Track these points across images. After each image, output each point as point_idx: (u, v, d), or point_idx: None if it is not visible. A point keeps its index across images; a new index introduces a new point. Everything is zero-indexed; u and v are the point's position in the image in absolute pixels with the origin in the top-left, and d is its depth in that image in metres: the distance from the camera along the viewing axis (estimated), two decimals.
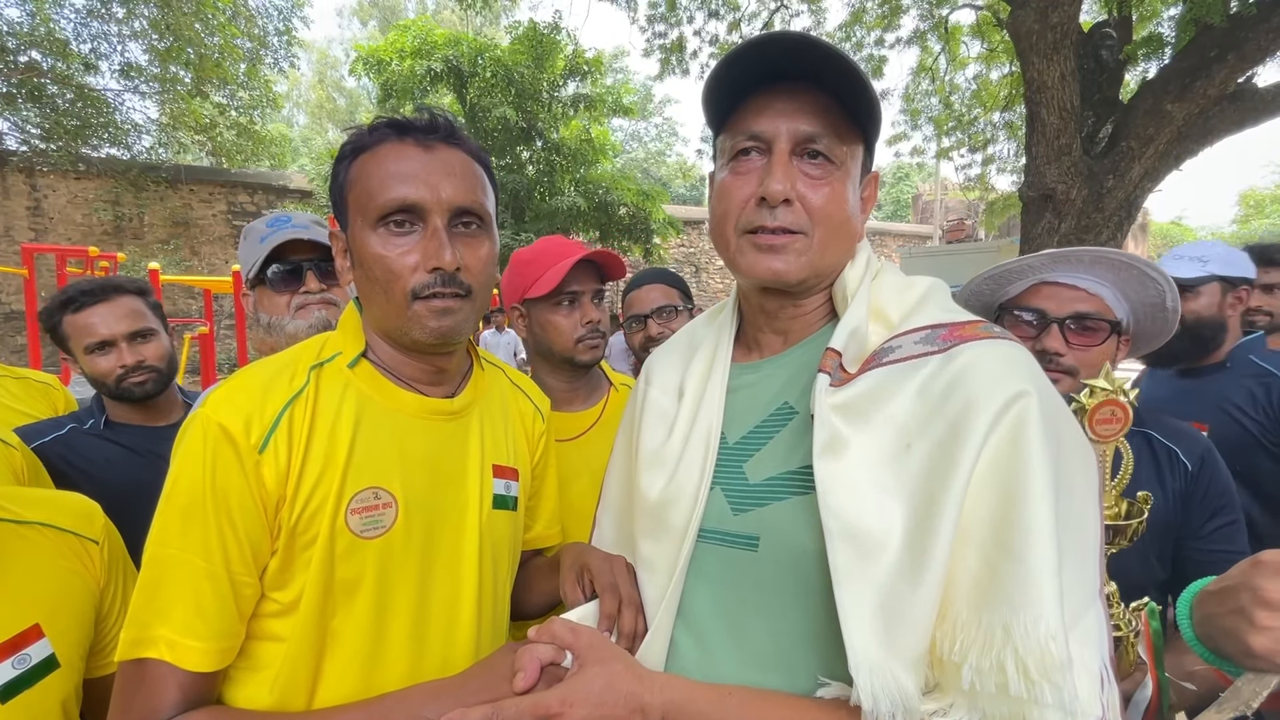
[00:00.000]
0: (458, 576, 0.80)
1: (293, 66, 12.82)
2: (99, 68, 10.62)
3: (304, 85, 28.39)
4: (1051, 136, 3.93)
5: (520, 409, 0.98)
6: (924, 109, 9.66)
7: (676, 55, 8.66)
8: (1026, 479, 0.51)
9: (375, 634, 0.75)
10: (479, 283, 0.78)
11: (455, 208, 0.75)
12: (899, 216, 33.54)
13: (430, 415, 0.82)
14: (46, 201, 10.53)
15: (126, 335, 1.43)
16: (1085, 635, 0.52)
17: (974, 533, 0.52)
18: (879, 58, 7.84)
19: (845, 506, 0.56)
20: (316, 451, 0.73)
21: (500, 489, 0.87)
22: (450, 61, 10.27)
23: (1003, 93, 8.11)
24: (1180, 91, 3.75)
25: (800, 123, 0.65)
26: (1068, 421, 0.60)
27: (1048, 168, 3.99)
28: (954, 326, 0.63)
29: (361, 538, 0.73)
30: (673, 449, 0.73)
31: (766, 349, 0.75)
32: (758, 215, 0.66)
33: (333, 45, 30.12)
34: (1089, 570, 0.55)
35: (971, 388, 0.56)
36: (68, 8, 10.28)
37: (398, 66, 10.31)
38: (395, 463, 0.77)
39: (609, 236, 12.19)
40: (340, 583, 0.73)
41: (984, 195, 11.29)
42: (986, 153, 9.76)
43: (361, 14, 29.46)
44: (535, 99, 10.99)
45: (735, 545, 0.65)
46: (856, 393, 0.61)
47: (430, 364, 0.82)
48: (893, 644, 0.52)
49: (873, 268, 0.72)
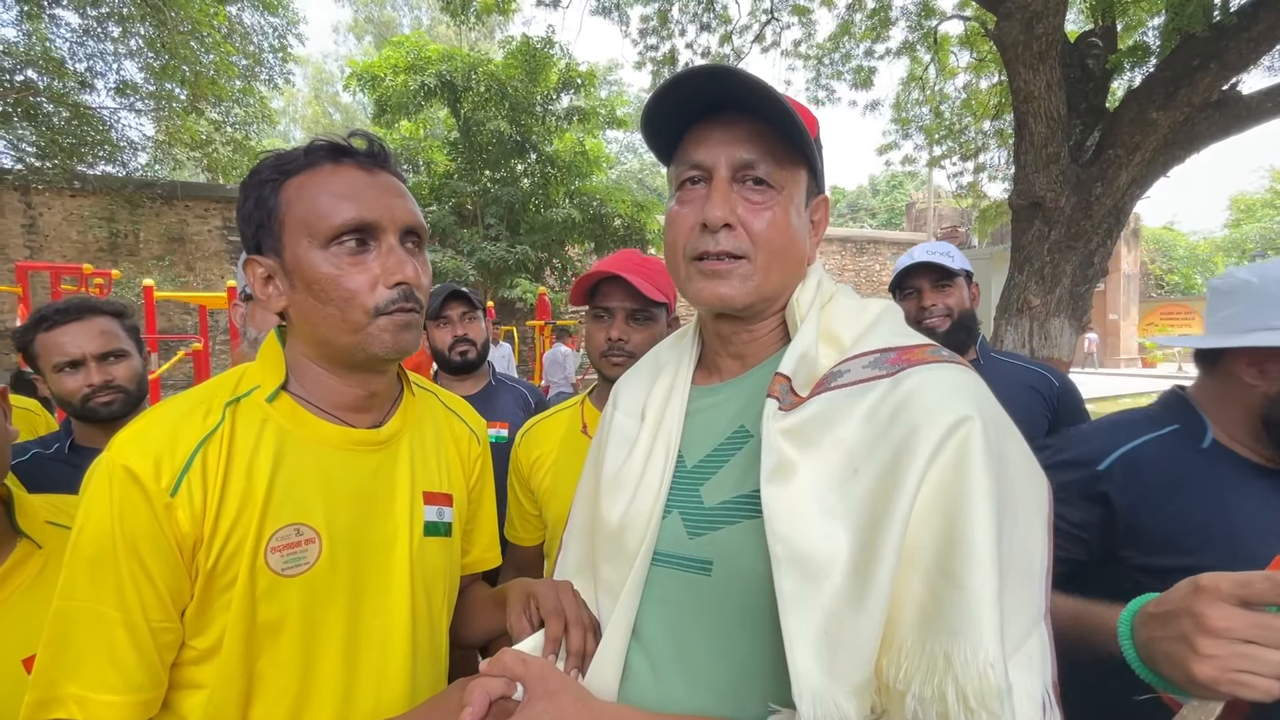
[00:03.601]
0: (388, 608, 0.79)
1: (288, 83, 12.89)
2: (95, 86, 10.66)
3: (299, 101, 28.53)
4: (1039, 145, 3.97)
5: (455, 432, 0.97)
6: (915, 118, 9.74)
7: (669, 67, 8.73)
8: (969, 504, 0.51)
9: (303, 673, 0.73)
10: (424, 297, 0.81)
11: (405, 226, 0.77)
12: (893, 224, 33.70)
13: (355, 446, 0.80)
14: (41, 219, 10.53)
15: (97, 355, 1.41)
16: (1028, 660, 0.52)
17: (919, 558, 0.52)
18: (868, 69, 7.92)
19: (791, 532, 0.56)
20: (233, 490, 0.71)
21: (432, 515, 0.86)
22: (444, 76, 10.34)
23: (992, 101, 8.19)
24: (1165, 100, 3.79)
25: (738, 150, 0.67)
26: (1014, 443, 0.60)
27: (1036, 176, 4.02)
28: (902, 350, 0.63)
29: (283, 575, 0.71)
30: (632, 471, 0.73)
31: (726, 372, 0.75)
32: (701, 241, 0.68)
33: (328, 61, 30.32)
34: (1034, 593, 0.55)
35: (916, 413, 0.56)
36: (64, 27, 10.34)
37: (391, 82, 10.38)
38: (317, 497, 0.75)
39: (603, 248, 12.22)
40: (263, 624, 0.71)
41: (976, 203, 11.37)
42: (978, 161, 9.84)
43: (357, 30, 29.67)
44: (529, 112, 11.07)
45: (689, 569, 0.65)
46: (805, 417, 0.61)
47: (365, 387, 0.81)
48: (836, 671, 0.52)
49: (824, 291, 0.73)
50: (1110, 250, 4.18)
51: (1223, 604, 0.61)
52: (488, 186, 11.25)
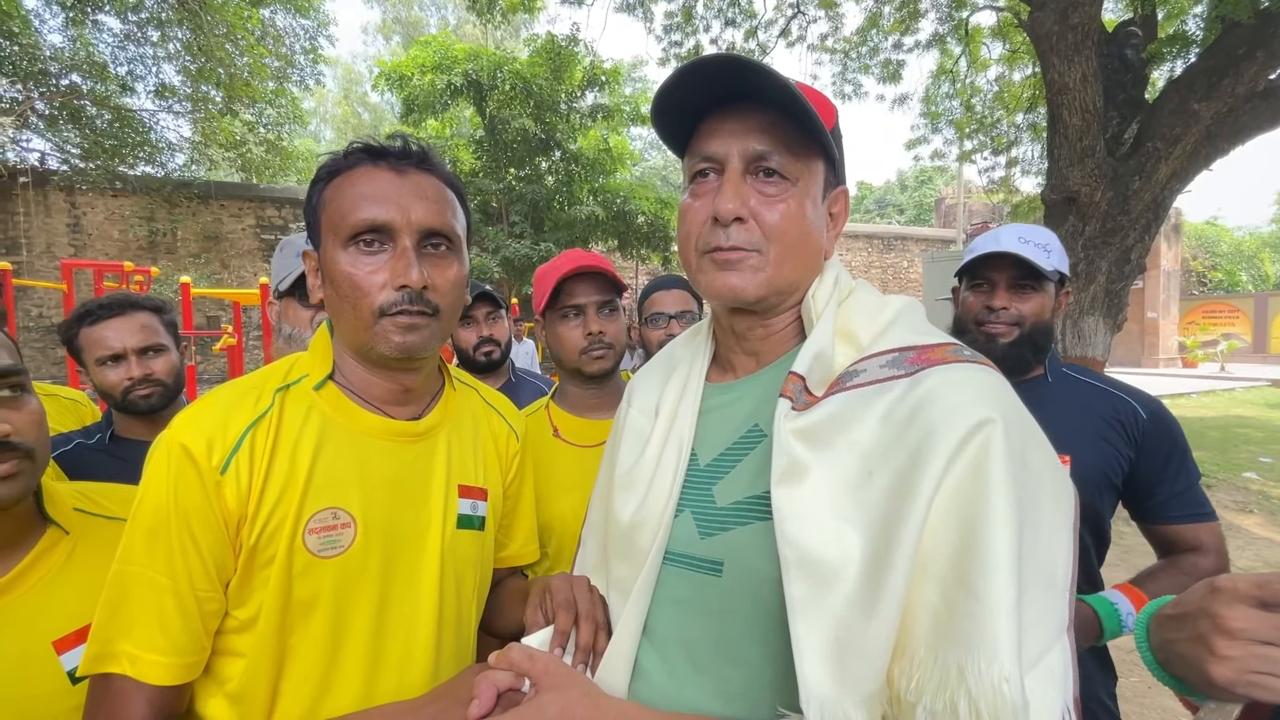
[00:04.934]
0: (417, 596, 0.81)
1: (319, 84, 13.15)
2: (135, 89, 11.01)
3: (330, 101, 29.08)
4: (1074, 139, 3.86)
5: (493, 429, 0.98)
6: (945, 112, 9.55)
7: None
8: (987, 511, 0.49)
9: (332, 652, 0.76)
10: (446, 303, 0.80)
11: (424, 229, 0.78)
12: (922, 220, 33.11)
13: (394, 437, 0.83)
14: (85, 218, 10.92)
15: (137, 349, 1.46)
16: (1048, 673, 0.50)
17: (934, 566, 0.51)
18: (897, 62, 7.79)
19: (802, 535, 0.55)
20: (277, 473, 0.74)
21: (466, 509, 0.88)
22: (470, 75, 10.45)
23: (1025, 94, 7.99)
24: (1208, 90, 3.66)
25: (751, 141, 0.65)
26: (1039, 448, 0.57)
27: (1070, 170, 3.92)
28: (922, 350, 0.61)
29: (319, 557, 0.75)
30: (644, 470, 0.72)
31: (741, 369, 0.74)
32: (713, 235, 0.66)
33: (357, 61, 30.84)
34: (1056, 604, 0.53)
35: (934, 414, 0.54)
36: (106, 32, 10.70)
37: (419, 81, 10.51)
38: (355, 483, 0.78)
39: (628, 245, 12.24)
40: (297, 601, 0.74)
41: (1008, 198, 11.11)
42: (1010, 155, 9.61)
43: (385, 30, 30.12)
44: (554, 110, 11.12)
45: (700, 570, 0.65)
46: (819, 418, 0.59)
47: (396, 382, 0.83)
48: (846, 679, 0.50)
49: (843, 287, 0.71)
50: (1148, 246, 4.06)
51: (1241, 605, 0.59)
52: (513, 184, 11.34)
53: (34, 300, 10.39)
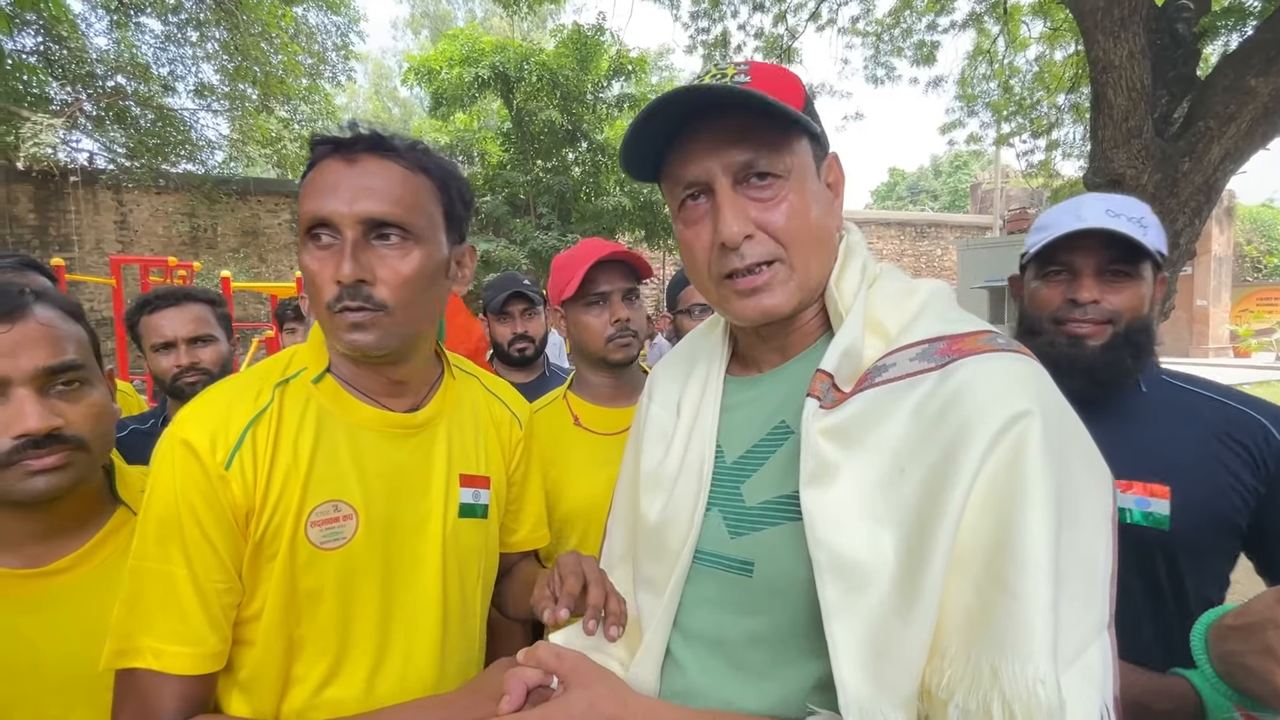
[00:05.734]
0: (420, 585, 0.82)
1: (350, 80, 13.35)
2: (176, 89, 11.34)
3: (361, 97, 29.51)
4: (1119, 119, 3.71)
5: (495, 416, 0.98)
6: (981, 94, 9.26)
7: (721, 50, 8.58)
8: (1024, 507, 0.48)
9: (338, 642, 0.78)
10: (396, 297, 0.76)
11: (367, 218, 0.74)
12: (957, 207, 32.25)
13: (391, 429, 0.83)
14: (131, 215, 11.32)
15: (187, 338, 1.55)
16: (1086, 672, 0.48)
17: (969, 563, 0.49)
18: (931, 43, 7.58)
19: (834, 537, 0.54)
20: (280, 466, 0.75)
21: (468, 498, 0.88)
22: (497, 68, 10.48)
23: (1067, 74, 7.69)
24: (1265, 65, 3.47)
25: (732, 154, 0.62)
26: (1077, 439, 0.55)
27: (1115, 152, 3.76)
28: (953, 340, 0.58)
29: (322, 549, 0.76)
30: (669, 469, 0.72)
31: (765, 364, 0.72)
32: (725, 260, 0.64)
33: (387, 56, 31.22)
34: (1096, 601, 0.51)
35: (968, 408, 0.52)
36: (148, 33, 11.03)
37: (447, 75, 10.59)
38: (355, 476, 0.79)
39: (655, 236, 12.19)
40: (302, 593, 0.76)
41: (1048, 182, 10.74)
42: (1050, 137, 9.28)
43: (414, 24, 30.40)
44: (580, 101, 11.10)
45: (731, 570, 0.64)
46: (848, 415, 0.58)
47: (384, 375, 0.83)
48: (883, 682, 0.50)
49: (869, 273, 0.68)
50: (1198, 230, 3.88)
51: None
52: (540, 176, 11.38)
53: (85, 295, 10.82)
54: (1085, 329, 1.02)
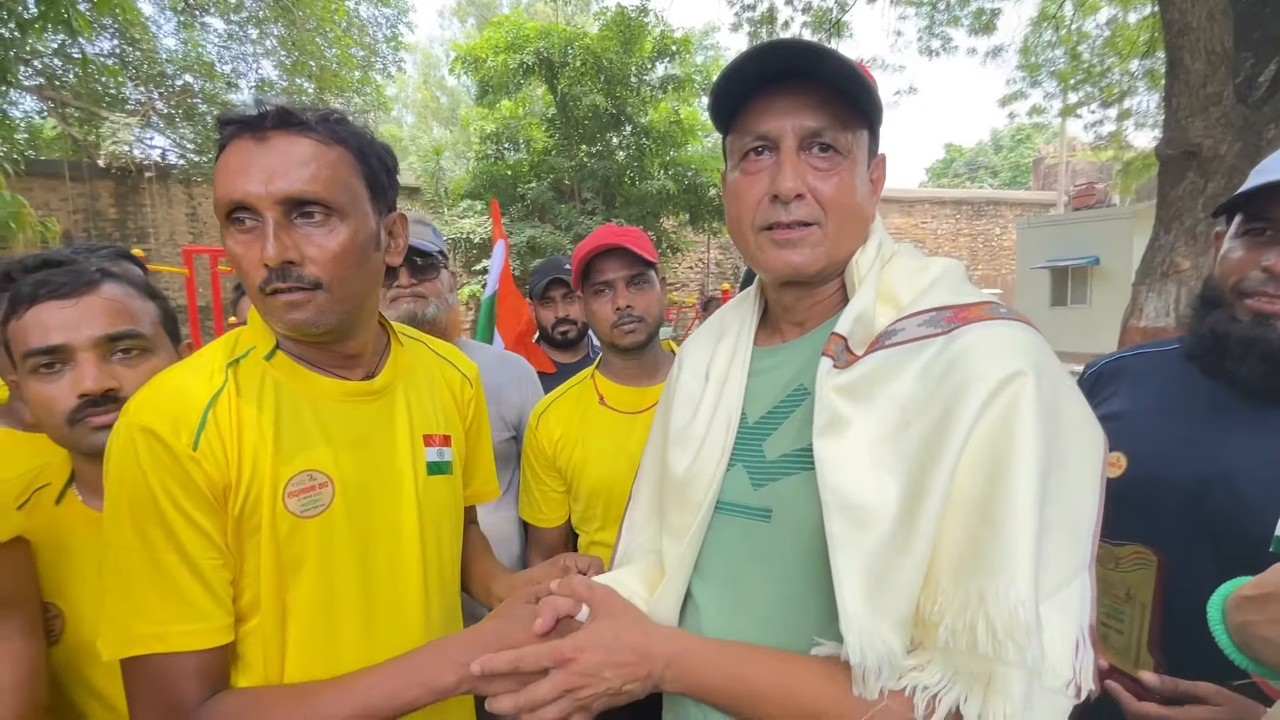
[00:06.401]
0: (400, 543, 0.85)
1: (400, 70, 13.67)
2: (239, 85, 11.85)
3: (410, 86, 30.13)
4: (1196, 85, 3.46)
5: (447, 377, 1.01)
6: (1046, 63, 8.78)
7: (767, 27, 8.38)
8: (1013, 456, 0.54)
9: (328, 605, 0.79)
10: (329, 274, 0.75)
11: (286, 198, 0.72)
12: (1018, 183, 30.73)
13: (351, 397, 0.85)
14: (201, 208, 11.95)
15: None
16: (1066, 603, 0.55)
17: (962, 506, 0.56)
18: (991, 11, 7.21)
19: (842, 482, 0.60)
20: (248, 442, 0.75)
21: (433, 456, 0.92)
22: (541, 53, 10.53)
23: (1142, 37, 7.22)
24: None
25: (804, 118, 0.67)
26: (1071, 400, 0.61)
27: (1191, 121, 3.52)
28: (959, 309, 0.64)
29: (302, 518, 0.77)
30: (697, 429, 0.79)
31: (787, 334, 0.79)
32: (772, 212, 0.69)
33: (434, 45, 31.70)
34: (1078, 546, 0.57)
35: (968, 369, 0.58)
36: (212, 33, 11.54)
37: (492, 62, 10.71)
38: (324, 444, 0.80)
39: (699, 218, 12.10)
40: (288, 562, 0.77)
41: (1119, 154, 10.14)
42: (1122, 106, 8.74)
43: (460, 12, 30.75)
44: (624, 84, 11.06)
45: (751, 517, 0.71)
46: (859, 374, 0.64)
47: (333, 351, 0.83)
48: (880, 607, 0.57)
49: (885, 251, 0.74)
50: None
51: None
52: (584, 161, 11.42)
53: (160, 284, 11.48)
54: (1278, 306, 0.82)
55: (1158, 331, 3.57)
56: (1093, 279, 14.12)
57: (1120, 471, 0.91)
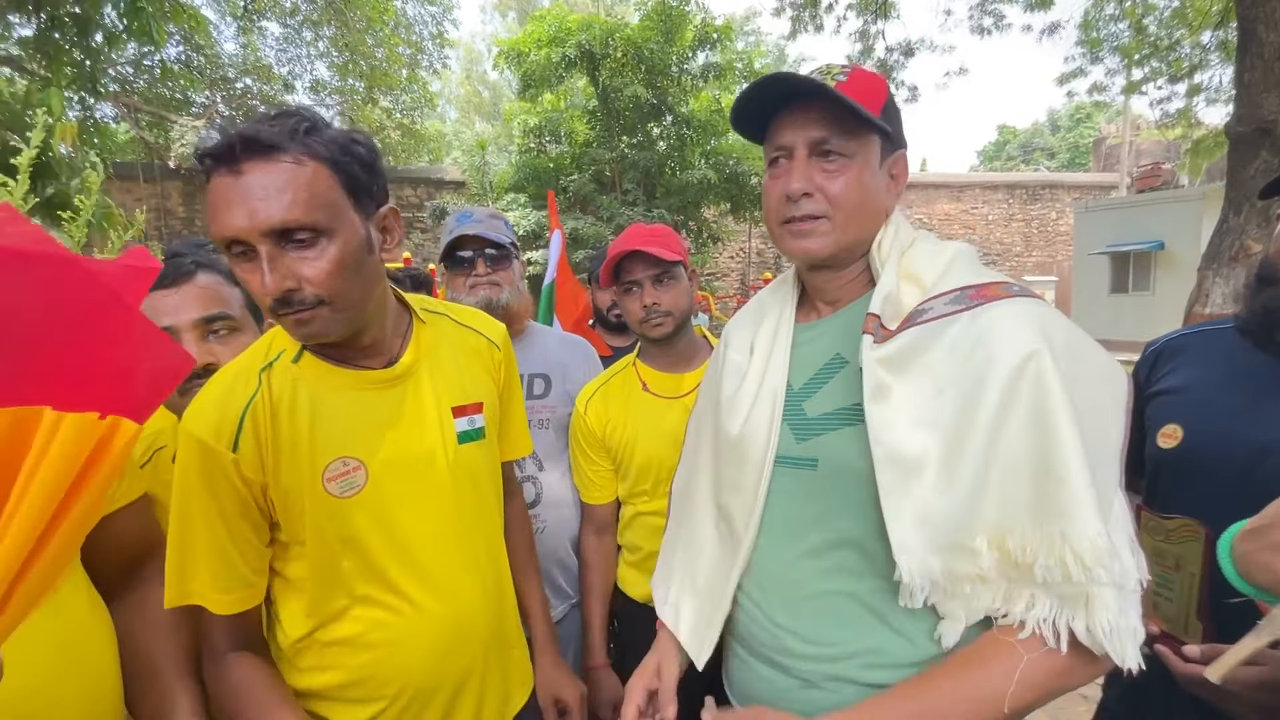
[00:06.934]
0: (440, 509, 0.94)
1: (445, 67, 13.96)
2: (294, 86, 12.32)
3: (453, 82, 30.65)
4: (1270, 58, 3.29)
5: (473, 345, 1.06)
6: (1108, 38, 8.36)
7: (810, 10, 8.24)
8: (1054, 421, 0.66)
9: (379, 571, 0.89)
10: (327, 290, 0.79)
11: (271, 230, 0.75)
12: (1077, 165, 29.33)
13: (374, 385, 0.92)
14: None
15: None
16: (1118, 521, 0.67)
17: (1023, 466, 0.68)
18: None
19: (890, 440, 0.73)
20: (284, 440, 0.85)
21: (464, 425, 0.99)
22: (583, 46, 10.59)
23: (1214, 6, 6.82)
24: None
25: (811, 131, 0.81)
26: (1086, 355, 0.73)
27: (1265, 96, 3.35)
28: (980, 288, 0.77)
29: (342, 499, 0.87)
30: (746, 395, 0.90)
31: (823, 312, 0.91)
32: (787, 208, 0.83)
33: (476, 40, 32.15)
34: (1113, 470, 0.70)
35: (992, 344, 0.71)
36: (269, 37, 12.01)
37: (535, 56, 10.83)
38: (353, 432, 0.88)
39: (740, 207, 12.00)
40: (337, 537, 0.87)
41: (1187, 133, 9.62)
42: (1191, 81, 8.28)
43: (501, 6, 31.07)
44: (665, 74, 11.03)
45: (799, 466, 0.84)
46: (897, 348, 0.76)
47: (349, 346, 0.90)
48: (924, 537, 0.71)
49: (903, 238, 0.85)
50: None
51: None
52: (625, 152, 11.47)
53: None
54: None
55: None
56: (1156, 265, 13.43)
57: (1176, 443, 0.97)
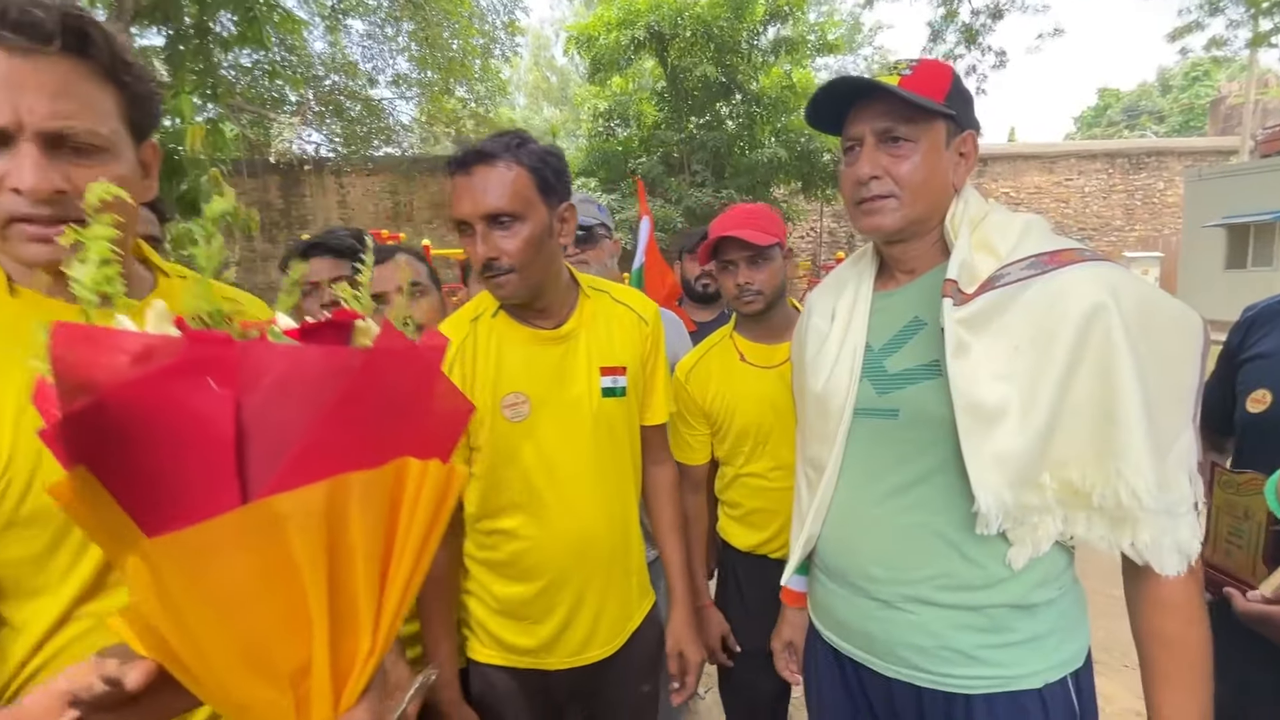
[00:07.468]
0: (578, 444, 1.21)
1: (515, 54, 14.25)
2: (378, 81, 12.95)
3: (522, 68, 31.17)
4: None
5: (623, 319, 1.30)
6: None
7: None
8: (1117, 372, 0.78)
9: (527, 480, 1.18)
10: (517, 262, 1.09)
11: (486, 215, 1.08)
12: (1191, 129, 26.70)
13: (544, 341, 1.21)
14: (349, 196, 13.32)
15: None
16: (1179, 456, 0.79)
17: (1087, 412, 0.80)
18: None
19: (969, 391, 0.84)
20: (480, 371, 1.16)
21: (608, 383, 1.24)
22: (652, 27, 10.59)
23: None
24: None
25: (877, 122, 0.92)
26: (1157, 308, 0.81)
27: None
28: (1053, 254, 0.86)
29: (512, 423, 1.16)
30: (828, 355, 1.03)
31: (900, 280, 1.02)
32: (859, 190, 0.94)
33: (544, 26, 32.51)
34: (1185, 405, 0.81)
35: (1065, 303, 0.81)
36: (354, 34, 12.65)
37: (604, 40, 10.92)
38: (526, 374, 1.18)
39: (811, 186, 11.73)
40: (504, 450, 1.16)
41: None
42: None
43: None
44: (734, 51, 10.88)
45: (879, 416, 0.96)
46: (975, 310, 0.86)
47: (529, 309, 1.19)
48: (999, 474, 0.82)
49: (974, 211, 0.95)
50: None
51: None
52: (694, 133, 11.42)
53: None
54: None
55: None
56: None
57: (1265, 407, 1.03)
